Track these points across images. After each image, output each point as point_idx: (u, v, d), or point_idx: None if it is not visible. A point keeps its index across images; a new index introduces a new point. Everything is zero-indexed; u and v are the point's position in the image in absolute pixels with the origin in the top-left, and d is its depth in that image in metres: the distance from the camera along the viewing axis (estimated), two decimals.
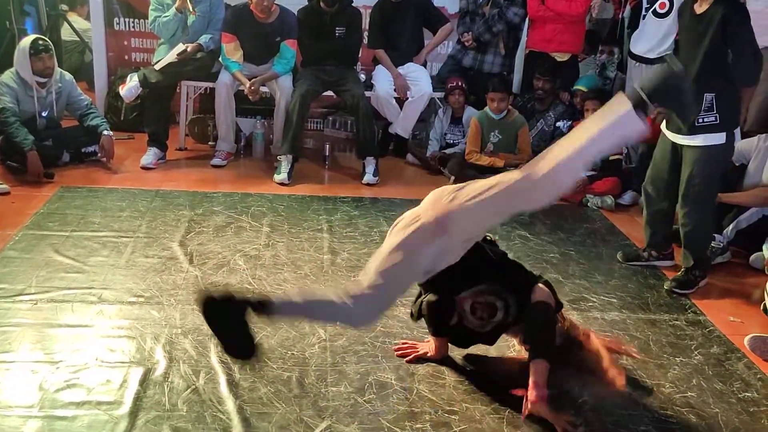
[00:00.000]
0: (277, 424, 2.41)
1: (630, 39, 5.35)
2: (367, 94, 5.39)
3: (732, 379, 2.89)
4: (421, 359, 2.84)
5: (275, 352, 2.83)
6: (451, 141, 5.62)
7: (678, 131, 3.59)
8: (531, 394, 2.46)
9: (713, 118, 3.46)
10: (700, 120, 3.47)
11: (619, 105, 2.30)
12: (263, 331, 2.97)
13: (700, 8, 3.48)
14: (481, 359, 2.90)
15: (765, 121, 4.99)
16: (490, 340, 2.78)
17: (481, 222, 2.45)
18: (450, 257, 2.44)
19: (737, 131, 3.61)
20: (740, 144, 4.28)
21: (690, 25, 3.55)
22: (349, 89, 5.26)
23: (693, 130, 3.50)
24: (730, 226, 4.14)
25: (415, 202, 4.75)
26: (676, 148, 3.65)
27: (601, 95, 5.18)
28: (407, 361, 2.84)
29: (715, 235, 4.06)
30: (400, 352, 2.90)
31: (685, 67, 3.50)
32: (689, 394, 2.77)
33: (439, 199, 2.43)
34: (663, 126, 3.73)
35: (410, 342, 2.94)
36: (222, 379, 2.62)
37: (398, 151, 5.88)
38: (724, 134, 3.50)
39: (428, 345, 2.88)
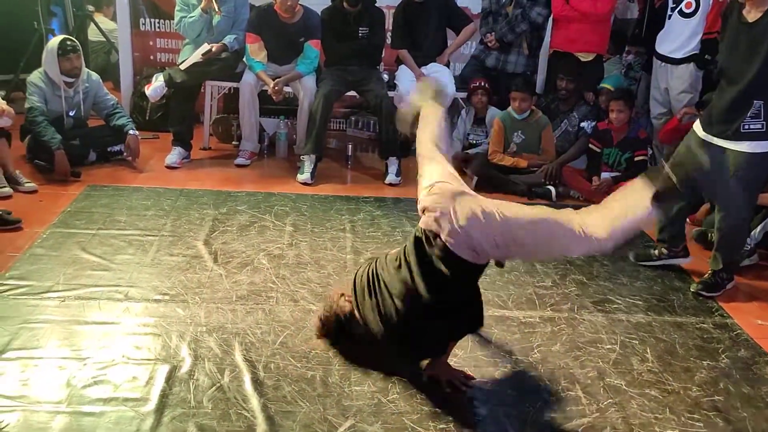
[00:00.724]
0: (301, 423, 2.42)
1: (646, 40, 5.32)
2: (390, 94, 5.38)
3: (760, 383, 2.85)
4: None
5: (299, 350, 2.84)
6: (474, 141, 5.61)
7: (721, 134, 3.46)
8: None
9: (760, 126, 3.36)
10: (746, 126, 3.37)
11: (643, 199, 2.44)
12: (287, 329, 2.99)
13: (750, 15, 3.34)
14: (507, 362, 2.89)
15: None
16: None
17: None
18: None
19: None
20: None
21: (739, 32, 3.40)
22: (372, 89, 5.26)
23: (738, 136, 3.39)
24: (759, 228, 4.08)
25: None
26: (709, 149, 3.51)
27: (627, 96, 5.15)
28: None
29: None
30: None
31: (733, 74, 3.41)
32: (717, 397, 2.74)
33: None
34: (695, 127, 3.63)
35: None
36: (246, 378, 2.63)
37: None
38: None
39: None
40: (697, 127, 3.62)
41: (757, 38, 3.32)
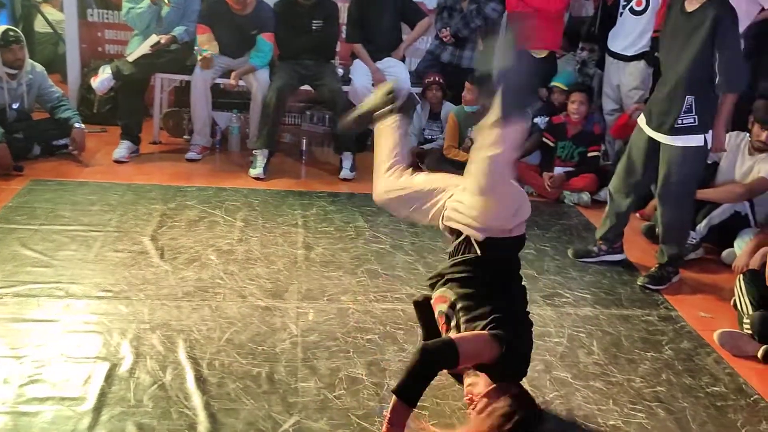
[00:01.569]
0: (245, 420, 2.38)
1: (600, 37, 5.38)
2: (345, 88, 5.35)
3: (701, 374, 2.91)
4: None
5: (245, 347, 2.81)
6: (430, 137, 5.61)
7: (658, 128, 3.55)
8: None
9: (692, 120, 3.46)
10: (680, 122, 3.45)
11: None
12: (234, 326, 2.95)
13: (690, 5, 3.40)
14: None
15: (733, 119, 5.04)
16: None
17: None
18: None
19: (708, 134, 3.54)
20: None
21: (678, 22, 3.47)
22: (326, 83, 5.22)
23: (673, 131, 3.48)
24: (703, 222, 4.16)
25: None
26: (652, 145, 3.62)
27: (588, 89, 5.22)
28: None
29: (692, 232, 4.09)
30: None
31: (670, 66, 3.49)
32: (659, 388, 2.78)
33: None
34: (640, 121, 3.71)
35: None
36: (189, 375, 2.59)
37: None
38: (702, 136, 3.49)
39: None
40: (641, 120, 3.69)
41: (693, 29, 3.37)
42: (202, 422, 2.35)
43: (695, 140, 3.48)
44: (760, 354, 3.05)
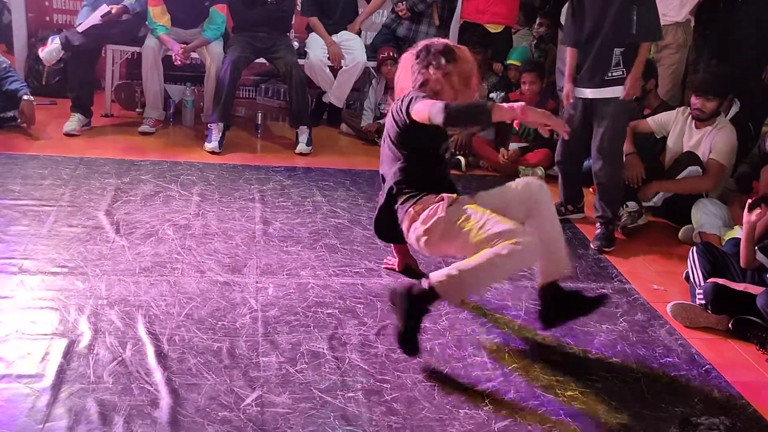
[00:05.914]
0: (207, 395, 2.37)
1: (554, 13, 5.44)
2: (301, 62, 5.30)
3: (654, 345, 2.99)
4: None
5: (205, 322, 2.78)
6: (385, 112, 5.58)
7: (590, 85, 3.83)
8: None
9: (621, 72, 3.76)
10: (610, 74, 3.76)
11: None
12: (193, 301, 2.92)
13: None
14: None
15: (681, 93, 5.18)
16: None
17: None
18: None
19: None
20: (661, 116, 4.43)
21: None
22: (281, 56, 5.16)
23: (603, 84, 3.77)
24: (658, 195, 4.29)
25: (348, 173, 4.77)
26: (586, 106, 3.90)
27: (538, 68, 5.26)
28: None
29: (632, 202, 4.19)
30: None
31: (592, 24, 3.77)
32: (614, 359, 2.85)
33: None
34: (572, 90, 3.94)
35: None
36: (150, 351, 2.56)
37: (332, 120, 5.83)
38: None
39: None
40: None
41: None
42: (164, 398, 2.33)
43: (622, 91, 3.78)
44: (731, 326, 3.10)
